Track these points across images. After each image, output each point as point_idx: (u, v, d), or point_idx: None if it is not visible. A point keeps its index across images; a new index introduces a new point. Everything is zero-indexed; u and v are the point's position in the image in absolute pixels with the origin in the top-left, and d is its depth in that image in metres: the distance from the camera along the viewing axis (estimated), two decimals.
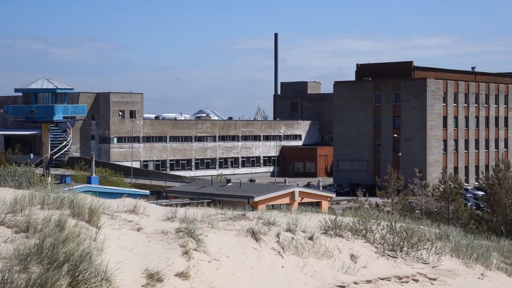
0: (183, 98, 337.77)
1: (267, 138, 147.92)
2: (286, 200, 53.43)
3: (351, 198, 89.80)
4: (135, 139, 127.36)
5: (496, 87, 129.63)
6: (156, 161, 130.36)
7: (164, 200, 50.87)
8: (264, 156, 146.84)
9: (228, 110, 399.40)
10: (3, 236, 10.58)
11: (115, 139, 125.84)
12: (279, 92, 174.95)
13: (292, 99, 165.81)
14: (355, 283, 13.65)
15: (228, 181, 61.37)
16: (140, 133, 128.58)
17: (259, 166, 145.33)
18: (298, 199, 54.38)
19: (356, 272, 14.05)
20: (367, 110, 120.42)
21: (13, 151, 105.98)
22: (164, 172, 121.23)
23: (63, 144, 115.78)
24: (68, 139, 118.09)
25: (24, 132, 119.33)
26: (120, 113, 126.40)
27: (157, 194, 62.69)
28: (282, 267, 13.24)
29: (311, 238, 14.65)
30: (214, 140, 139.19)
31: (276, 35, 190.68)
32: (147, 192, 58.08)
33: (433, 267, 15.65)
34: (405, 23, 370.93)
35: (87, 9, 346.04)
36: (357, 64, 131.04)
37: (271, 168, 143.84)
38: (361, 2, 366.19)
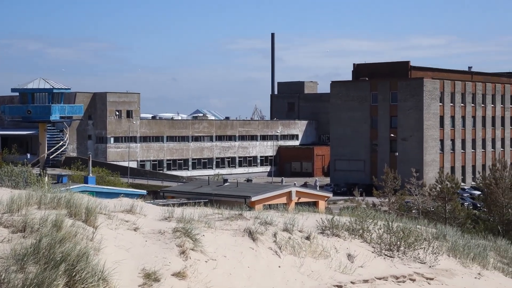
0: (180, 98, 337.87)
1: (264, 138, 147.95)
2: (283, 200, 53.44)
3: (348, 198, 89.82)
4: (132, 139, 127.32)
5: (493, 87, 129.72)
6: (153, 161, 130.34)
7: (161, 200, 50.88)
8: (261, 156, 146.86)
9: (225, 110, 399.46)
10: (0, 236, 10.57)
11: (112, 139, 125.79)
12: (276, 92, 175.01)
13: (289, 99, 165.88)
14: (352, 283, 13.65)
15: (225, 181, 61.40)
16: (137, 133, 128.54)
17: (256, 166, 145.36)
18: (295, 199, 54.41)
19: (353, 272, 14.05)
20: (364, 110, 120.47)
21: (10, 151, 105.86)
22: (161, 172, 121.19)
23: (60, 144, 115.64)
24: (65, 139, 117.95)
25: (21, 132, 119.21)
26: (117, 113, 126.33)
27: (154, 194, 62.70)
28: (279, 267, 13.24)
29: (308, 238, 14.65)
30: (211, 140, 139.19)
31: (273, 35, 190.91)
32: (144, 192, 58.04)
33: (430, 267, 15.66)
34: (402, 23, 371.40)
35: (84, 9, 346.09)
36: (354, 64, 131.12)
37: (268, 168, 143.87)
38: (358, 2, 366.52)
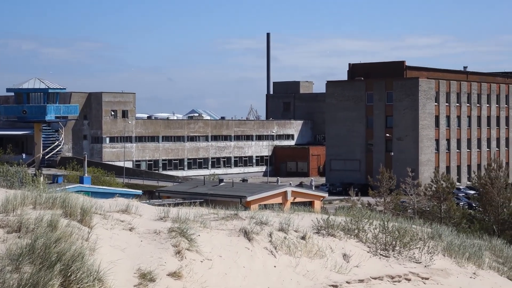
0: (176, 98, 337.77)
1: (260, 138, 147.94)
2: (279, 200, 53.43)
3: (344, 198, 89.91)
4: (128, 139, 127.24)
5: (488, 87, 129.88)
6: (149, 161, 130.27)
7: (157, 200, 50.84)
8: (257, 156, 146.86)
9: (221, 110, 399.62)
10: None
11: (108, 139, 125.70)
12: (272, 92, 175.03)
13: (285, 99, 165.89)
14: (348, 283, 13.66)
15: (221, 181, 61.37)
16: (133, 133, 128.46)
17: (252, 166, 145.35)
18: (291, 199, 54.40)
19: (349, 272, 14.06)
20: (360, 110, 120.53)
21: (5, 151, 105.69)
22: (157, 172, 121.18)
23: (55, 144, 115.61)
24: (60, 139, 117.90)
25: (16, 132, 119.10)
26: (112, 113, 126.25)
27: (150, 194, 62.65)
28: (275, 267, 13.24)
29: (304, 238, 14.66)
30: (207, 140, 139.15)
31: (268, 35, 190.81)
32: (140, 192, 57.97)
33: (426, 266, 15.68)
34: (397, 23, 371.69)
35: (79, 9, 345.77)
36: (349, 64, 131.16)
37: (264, 168, 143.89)
38: (354, 2, 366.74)
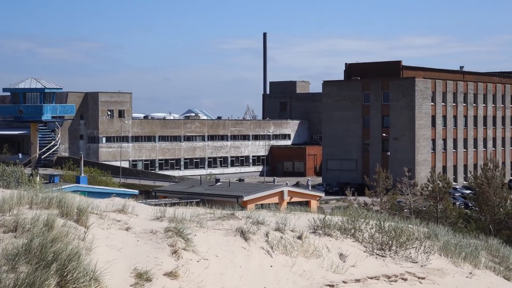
0: (172, 98, 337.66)
1: (256, 138, 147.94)
2: (275, 200, 53.42)
3: (340, 198, 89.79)
4: (124, 139, 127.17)
5: (485, 87, 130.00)
6: (145, 161, 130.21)
7: (153, 200, 50.80)
8: (253, 156, 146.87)
9: (217, 110, 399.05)
10: None
11: (104, 139, 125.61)
12: (268, 92, 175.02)
13: (281, 99, 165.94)
14: (344, 282, 13.67)
15: (217, 181, 61.30)
16: (129, 133, 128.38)
17: (248, 166, 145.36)
18: (287, 199, 54.40)
19: (345, 271, 14.07)
20: (356, 110, 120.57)
21: (1, 151, 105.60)
22: (153, 172, 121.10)
23: (52, 144, 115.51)
24: (57, 139, 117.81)
25: (13, 132, 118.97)
26: (109, 113, 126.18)
27: (146, 194, 62.57)
28: (271, 267, 13.24)
29: (300, 238, 14.66)
30: (203, 140, 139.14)
31: (265, 35, 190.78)
32: (136, 192, 57.90)
33: (422, 266, 15.69)
34: (394, 23, 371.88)
35: (76, 9, 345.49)
36: (346, 64, 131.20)
37: (260, 168, 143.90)
38: (350, 2, 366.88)
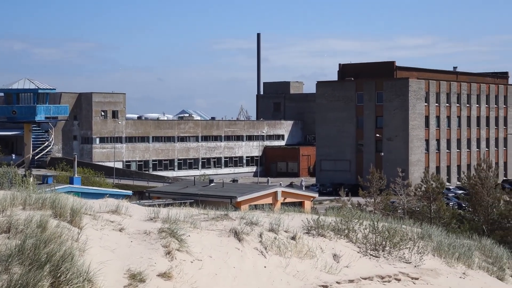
0: (166, 98, 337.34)
1: (250, 138, 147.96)
2: (269, 200, 53.43)
3: (334, 198, 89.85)
4: (118, 139, 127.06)
5: (478, 87, 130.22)
6: (139, 162, 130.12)
7: (147, 201, 50.76)
8: (247, 156, 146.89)
9: (211, 110, 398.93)
10: None
11: (98, 140, 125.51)
12: (262, 92, 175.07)
13: (275, 99, 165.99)
14: (338, 283, 13.67)
15: (211, 181, 61.27)
16: (123, 133, 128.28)
17: (242, 166, 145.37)
18: (281, 199, 54.39)
19: (339, 272, 14.07)
20: (350, 110, 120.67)
21: None
22: (147, 173, 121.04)
23: (45, 145, 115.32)
24: (50, 140, 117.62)
25: (6, 133, 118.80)
26: (103, 113, 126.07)
27: (140, 195, 62.52)
28: (265, 267, 13.24)
29: (294, 238, 14.66)
30: (197, 140, 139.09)
31: (259, 35, 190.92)
32: (130, 193, 57.87)
33: (415, 267, 15.70)
34: (388, 24, 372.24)
35: (69, 9, 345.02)
36: (340, 64, 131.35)
37: (254, 168, 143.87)
38: (344, 2, 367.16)
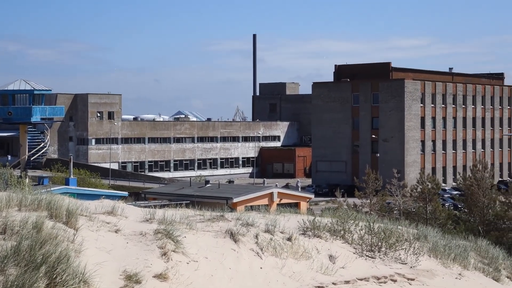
0: (162, 99, 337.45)
1: (246, 139, 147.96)
2: (265, 201, 53.40)
3: (330, 199, 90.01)
4: (113, 141, 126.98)
5: (473, 88, 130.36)
6: (135, 163, 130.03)
7: (143, 202, 50.74)
8: (243, 157, 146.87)
9: (207, 111, 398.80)
10: None
11: (93, 141, 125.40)
12: (258, 93, 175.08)
13: (271, 100, 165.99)
14: (334, 284, 13.67)
15: (207, 182, 61.23)
16: (119, 134, 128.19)
17: (238, 167, 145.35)
18: (277, 200, 54.36)
19: (335, 273, 14.07)
20: (346, 111, 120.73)
21: None
22: (143, 174, 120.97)
23: (41, 146, 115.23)
24: (46, 141, 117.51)
25: (1, 134, 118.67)
26: (98, 114, 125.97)
27: (136, 196, 62.54)
28: (261, 268, 13.24)
29: (290, 239, 14.66)
30: (193, 141, 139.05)
31: (255, 36, 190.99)
32: (126, 194, 57.89)
33: (411, 267, 15.71)
34: (383, 25, 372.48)
35: (64, 10, 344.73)
36: (336, 65, 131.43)
37: (250, 169, 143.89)
38: (339, 4, 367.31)
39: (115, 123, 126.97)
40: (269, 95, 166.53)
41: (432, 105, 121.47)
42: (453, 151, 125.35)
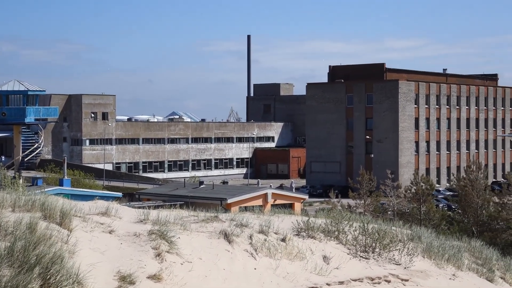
0: (156, 100, 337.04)
1: (240, 140, 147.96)
2: (259, 202, 53.41)
3: (324, 200, 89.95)
4: (108, 141, 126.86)
5: (467, 89, 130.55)
6: (129, 163, 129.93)
7: (137, 202, 50.72)
8: (237, 158, 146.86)
9: (201, 112, 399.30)
10: None
11: (87, 141, 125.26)
12: (252, 94, 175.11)
13: (265, 101, 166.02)
14: (328, 285, 13.68)
15: (201, 183, 61.20)
16: (113, 135, 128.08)
17: (232, 168, 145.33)
18: (271, 201, 54.36)
19: (329, 273, 14.08)
20: (340, 112, 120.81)
21: None
22: (137, 174, 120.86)
23: (35, 147, 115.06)
24: (40, 141, 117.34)
25: None
26: (93, 115, 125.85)
27: (130, 196, 62.44)
28: (255, 269, 13.24)
29: (284, 240, 14.67)
30: (187, 142, 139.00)
31: (249, 37, 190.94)
32: (120, 194, 57.85)
33: (405, 268, 15.73)
34: (377, 25, 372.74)
35: (59, 11, 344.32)
36: (330, 66, 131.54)
37: (244, 170, 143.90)
38: (333, 4, 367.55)
39: (109, 124, 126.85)
40: (263, 96, 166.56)
41: (426, 106, 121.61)
42: (447, 152, 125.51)
